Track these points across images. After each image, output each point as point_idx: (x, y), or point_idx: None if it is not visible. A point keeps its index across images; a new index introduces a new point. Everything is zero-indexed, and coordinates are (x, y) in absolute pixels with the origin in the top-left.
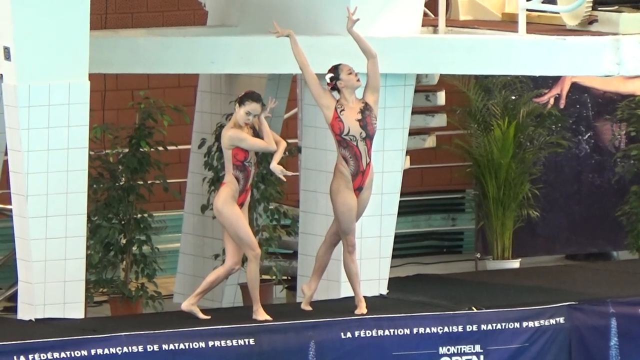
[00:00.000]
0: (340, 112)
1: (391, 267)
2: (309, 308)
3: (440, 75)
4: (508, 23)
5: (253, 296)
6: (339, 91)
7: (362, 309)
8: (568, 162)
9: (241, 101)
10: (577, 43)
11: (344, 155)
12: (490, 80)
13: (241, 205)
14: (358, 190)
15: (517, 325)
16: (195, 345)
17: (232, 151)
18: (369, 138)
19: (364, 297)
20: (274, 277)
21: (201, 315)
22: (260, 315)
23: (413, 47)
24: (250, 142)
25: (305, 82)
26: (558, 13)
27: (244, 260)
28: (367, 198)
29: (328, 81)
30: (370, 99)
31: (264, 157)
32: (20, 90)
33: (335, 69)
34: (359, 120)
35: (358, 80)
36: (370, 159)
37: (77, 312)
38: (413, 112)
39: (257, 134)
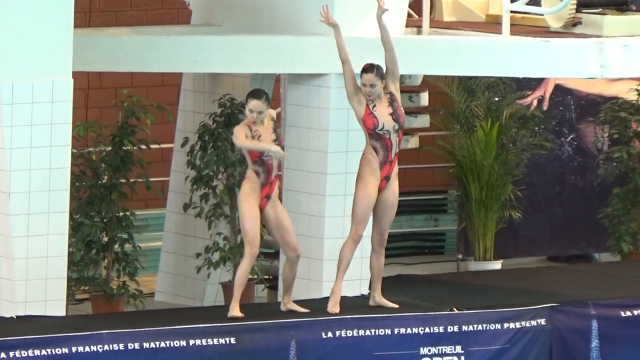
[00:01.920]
0: (373, 107)
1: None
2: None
3: (424, 76)
4: (492, 24)
5: (235, 292)
6: None
7: (335, 303)
8: (551, 163)
9: (245, 99)
10: (560, 45)
11: (374, 146)
12: (474, 82)
13: (267, 197)
14: (385, 179)
15: (498, 326)
16: (176, 343)
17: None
18: (401, 129)
19: (345, 297)
20: (255, 276)
21: (303, 310)
22: (234, 311)
23: (397, 47)
24: (239, 141)
25: (344, 76)
26: (542, 15)
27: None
28: (396, 189)
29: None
30: (392, 87)
31: (244, 159)
32: (3, 87)
33: (362, 70)
34: (391, 114)
35: (368, 95)
36: (399, 149)
37: (58, 309)
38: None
39: (276, 134)
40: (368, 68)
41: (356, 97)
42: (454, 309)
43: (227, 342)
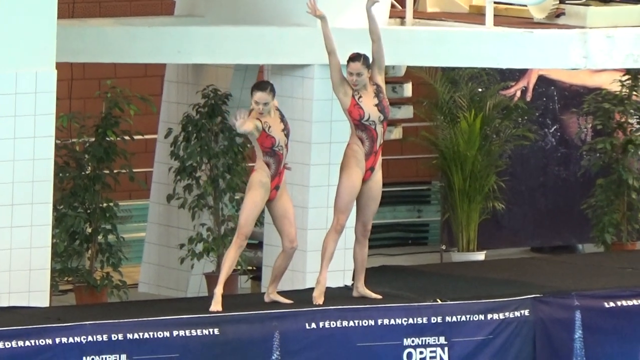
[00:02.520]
0: (359, 98)
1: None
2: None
3: (407, 67)
4: (475, 15)
5: (220, 279)
6: None
7: (320, 294)
8: (534, 154)
9: (250, 91)
10: (544, 36)
11: (360, 137)
12: (457, 73)
13: (276, 188)
14: (370, 170)
15: (481, 317)
16: (160, 334)
17: (257, 140)
18: (385, 120)
19: (329, 288)
20: (239, 268)
21: (287, 301)
22: (215, 304)
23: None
24: (238, 124)
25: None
26: (525, 6)
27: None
28: (380, 180)
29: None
30: (378, 78)
31: (230, 147)
32: None
33: (348, 60)
34: (376, 105)
35: (355, 84)
36: (383, 140)
37: (42, 300)
38: None
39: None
40: (355, 57)
41: (342, 88)
42: (438, 300)
43: (211, 332)
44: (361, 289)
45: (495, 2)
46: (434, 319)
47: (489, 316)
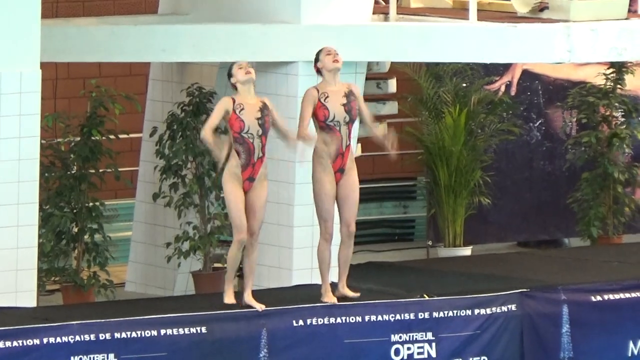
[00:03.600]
0: (325, 99)
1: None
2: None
3: (392, 63)
4: (459, 10)
5: (227, 276)
6: (322, 74)
7: (330, 297)
8: (519, 149)
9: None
10: (528, 30)
11: (324, 139)
12: (441, 68)
13: (249, 179)
14: (339, 172)
15: (469, 312)
16: (147, 333)
17: (228, 122)
18: (351, 122)
19: (315, 284)
20: (225, 265)
21: (260, 306)
22: (228, 297)
23: (364, 34)
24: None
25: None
26: (509, 0)
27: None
28: (355, 179)
29: (314, 65)
30: (357, 96)
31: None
32: None
33: (317, 53)
34: (344, 105)
35: (335, 61)
36: (350, 141)
37: (29, 300)
38: (364, 100)
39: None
40: (326, 47)
41: (310, 105)
42: (425, 295)
43: (198, 331)
44: (341, 289)
45: None
46: (421, 315)
47: (476, 311)
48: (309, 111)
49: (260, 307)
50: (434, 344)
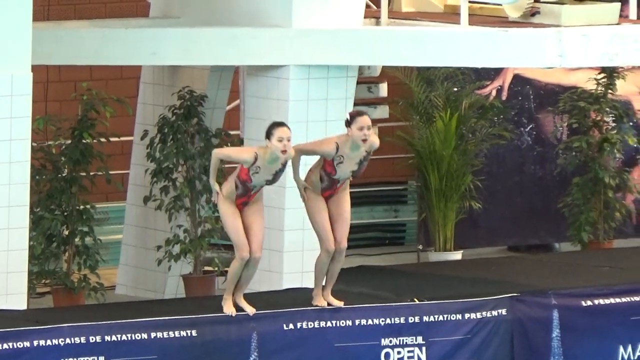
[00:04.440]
0: (338, 164)
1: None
2: (323, 303)
3: (383, 67)
4: (450, 15)
5: (227, 288)
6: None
7: (321, 301)
8: (510, 153)
9: (270, 130)
10: (519, 35)
11: (321, 175)
12: (433, 72)
13: (243, 204)
14: (328, 197)
15: (459, 316)
16: (138, 336)
17: (240, 166)
18: (354, 177)
19: (306, 288)
20: (216, 269)
21: (250, 309)
22: (227, 307)
23: (355, 38)
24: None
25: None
26: (500, 5)
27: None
28: (347, 200)
29: (345, 122)
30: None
31: (206, 149)
32: None
33: (352, 117)
34: (353, 171)
35: (364, 140)
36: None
37: (19, 303)
38: (355, 104)
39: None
40: (361, 112)
41: (326, 150)
42: (415, 299)
43: (189, 334)
44: (326, 297)
45: (470, 2)
46: (411, 319)
47: (467, 315)
48: (316, 152)
49: (251, 310)
50: (424, 348)
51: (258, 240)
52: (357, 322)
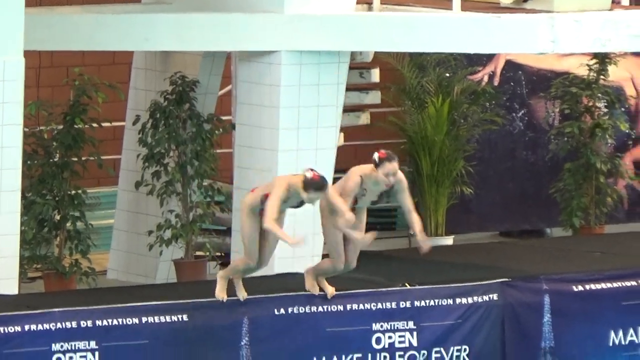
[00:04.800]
0: (361, 196)
1: (324, 243)
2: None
3: (375, 52)
4: (443, 0)
5: (223, 274)
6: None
7: (313, 288)
8: (502, 139)
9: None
10: (511, 20)
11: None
12: (425, 58)
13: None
14: None
15: (450, 301)
16: (129, 321)
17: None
18: (373, 204)
19: (298, 273)
20: (207, 254)
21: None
22: (220, 292)
23: (347, 24)
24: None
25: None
26: None
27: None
28: (361, 220)
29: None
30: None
31: (198, 134)
32: None
33: (381, 160)
34: (373, 201)
35: (387, 185)
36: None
37: (10, 288)
38: (347, 89)
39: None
40: (391, 157)
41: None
42: (406, 284)
43: (180, 319)
44: (321, 282)
45: None
46: (402, 304)
47: (458, 300)
48: (345, 191)
49: (242, 295)
50: (415, 333)
51: (271, 254)
52: (348, 307)
